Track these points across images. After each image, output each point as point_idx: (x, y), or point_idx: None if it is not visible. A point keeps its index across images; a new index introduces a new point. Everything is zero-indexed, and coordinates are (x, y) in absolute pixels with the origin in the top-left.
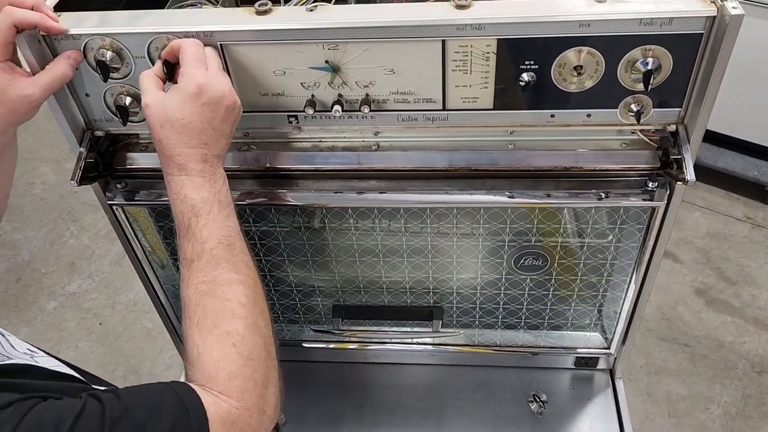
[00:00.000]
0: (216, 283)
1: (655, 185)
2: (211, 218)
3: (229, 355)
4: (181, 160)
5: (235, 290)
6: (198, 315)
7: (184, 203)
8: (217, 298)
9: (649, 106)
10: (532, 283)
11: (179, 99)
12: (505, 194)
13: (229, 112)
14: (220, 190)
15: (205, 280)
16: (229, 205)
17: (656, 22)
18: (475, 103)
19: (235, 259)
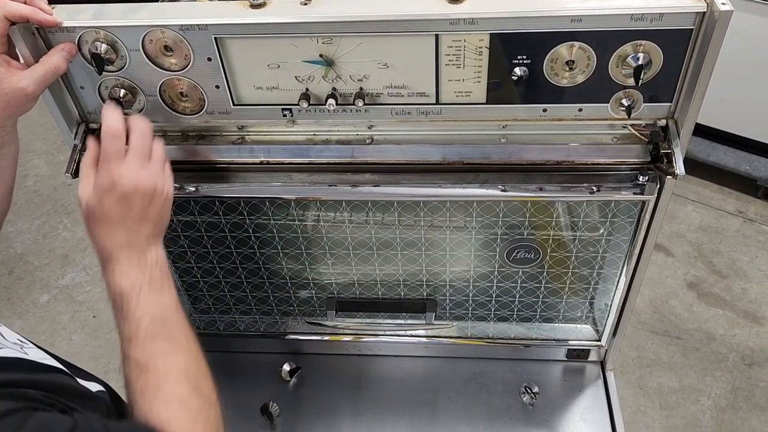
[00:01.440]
0: (155, 356)
1: (645, 179)
2: (143, 299)
3: (178, 413)
4: (107, 250)
5: (176, 360)
6: (140, 384)
7: (114, 289)
8: (158, 368)
9: (640, 101)
10: (525, 275)
11: (96, 194)
12: (497, 188)
13: (148, 199)
14: (152, 272)
15: (143, 355)
16: (161, 281)
17: (647, 18)
18: (468, 97)
19: (171, 331)
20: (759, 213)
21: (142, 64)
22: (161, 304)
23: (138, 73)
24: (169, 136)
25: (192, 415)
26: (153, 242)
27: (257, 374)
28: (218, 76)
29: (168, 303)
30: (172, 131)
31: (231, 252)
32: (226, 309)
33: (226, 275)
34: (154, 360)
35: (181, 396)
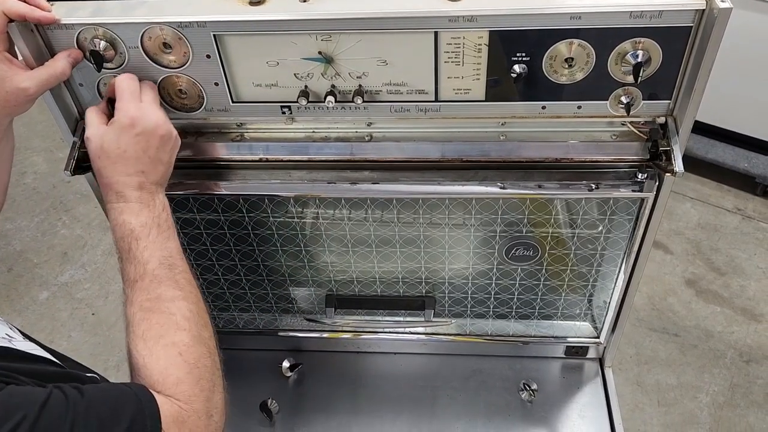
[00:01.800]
0: (160, 300)
1: (644, 176)
2: (151, 240)
3: (176, 362)
4: (118, 188)
5: (178, 305)
6: (143, 328)
7: (123, 228)
8: (162, 312)
9: (639, 98)
10: (523, 273)
11: (114, 131)
12: (496, 185)
13: (164, 141)
14: (159, 215)
15: (149, 297)
16: (169, 228)
17: (646, 15)
18: (467, 94)
19: (177, 277)
20: (757, 210)
21: (140, 61)
22: (169, 249)
23: (137, 70)
24: None
25: (189, 364)
26: (160, 188)
27: (256, 371)
28: (217, 74)
29: (175, 248)
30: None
31: (230, 249)
32: (225, 306)
33: (225, 272)
34: (159, 305)
35: (182, 344)
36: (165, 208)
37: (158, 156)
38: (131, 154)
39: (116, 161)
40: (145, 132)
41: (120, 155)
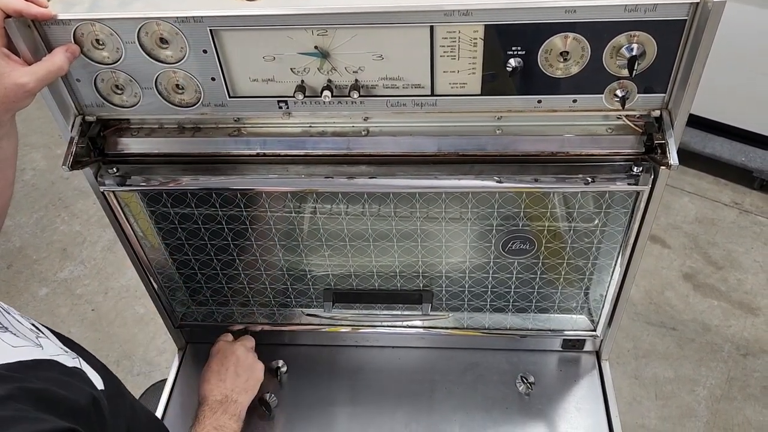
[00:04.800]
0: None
1: (639, 170)
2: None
3: None
4: (210, 397)
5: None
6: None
7: (205, 427)
8: None
9: (634, 92)
10: (520, 266)
11: (219, 358)
12: (493, 179)
13: (253, 381)
14: (236, 423)
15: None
16: None
17: (641, 8)
18: (463, 88)
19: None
20: (754, 204)
21: (137, 56)
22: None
23: (134, 65)
24: (165, 128)
25: None
26: (243, 405)
27: None
28: (214, 69)
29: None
30: (169, 123)
31: (228, 244)
32: (223, 301)
33: (224, 267)
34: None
35: None
36: (240, 418)
37: (245, 385)
38: (228, 378)
39: (212, 378)
40: (239, 368)
41: (218, 376)
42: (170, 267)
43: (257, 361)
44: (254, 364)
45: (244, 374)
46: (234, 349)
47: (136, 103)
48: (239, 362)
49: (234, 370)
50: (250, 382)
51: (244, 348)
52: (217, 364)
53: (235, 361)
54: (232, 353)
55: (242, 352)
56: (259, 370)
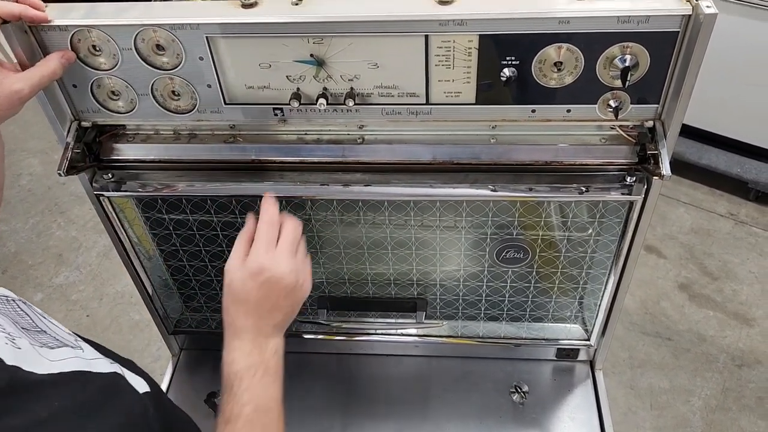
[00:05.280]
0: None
1: (633, 180)
2: (254, 384)
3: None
4: (235, 328)
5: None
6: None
7: (230, 366)
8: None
9: (627, 103)
10: (514, 275)
11: (243, 274)
12: (488, 187)
13: (288, 292)
14: (269, 359)
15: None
16: (275, 373)
17: (633, 20)
18: (457, 97)
19: (270, 425)
20: (750, 215)
21: (134, 62)
22: (269, 394)
23: (130, 71)
24: (161, 134)
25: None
26: (278, 331)
27: None
28: (210, 75)
29: (275, 395)
30: (164, 130)
31: (223, 250)
32: (217, 307)
33: (218, 274)
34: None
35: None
36: (276, 353)
37: (279, 304)
38: (253, 300)
39: (239, 303)
40: (269, 281)
41: (243, 299)
42: (165, 273)
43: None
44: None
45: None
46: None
47: (132, 109)
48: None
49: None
50: (275, 292)
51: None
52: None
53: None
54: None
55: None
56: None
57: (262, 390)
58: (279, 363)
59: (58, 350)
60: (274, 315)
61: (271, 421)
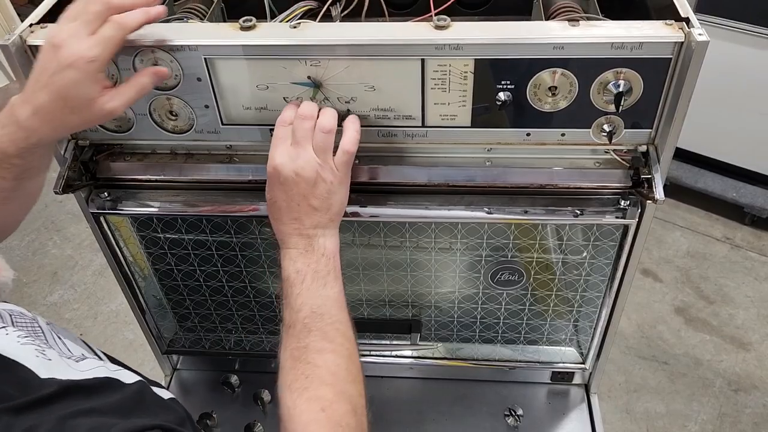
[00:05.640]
0: (308, 350)
1: (627, 204)
2: (305, 288)
3: (318, 418)
4: (280, 235)
5: (325, 358)
6: (290, 378)
7: (283, 273)
8: (308, 363)
9: (621, 127)
10: (509, 297)
11: (269, 182)
12: (483, 210)
13: (310, 187)
14: (318, 260)
15: (298, 346)
16: (327, 274)
17: (627, 47)
18: (453, 120)
19: (327, 328)
20: (746, 239)
21: None
22: (322, 297)
23: None
24: (158, 153)
25: (333, 422)
26: (322, 231)
27: (242, 393)
28: (207, 96)
29: (329, 296)
30: (161, 149)
31: (218, 270)
32: (211, 327)
33: (213, 293)
34: (306, 355)
35: (326, 400)
36: (326, 254)
37: (309, 202)
38: (281, 203)
39: (272, 209)
40: (287, 181)
41: (272, 204)
42: (159, 292)
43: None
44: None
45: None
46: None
47: (129, 129)
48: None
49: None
50: (297, 190)
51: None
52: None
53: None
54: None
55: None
56: (294, 166)
57: (314, 294)
58: (329, 265)
59: (83, 362)
60: (309, 215)
61: (327, 326)
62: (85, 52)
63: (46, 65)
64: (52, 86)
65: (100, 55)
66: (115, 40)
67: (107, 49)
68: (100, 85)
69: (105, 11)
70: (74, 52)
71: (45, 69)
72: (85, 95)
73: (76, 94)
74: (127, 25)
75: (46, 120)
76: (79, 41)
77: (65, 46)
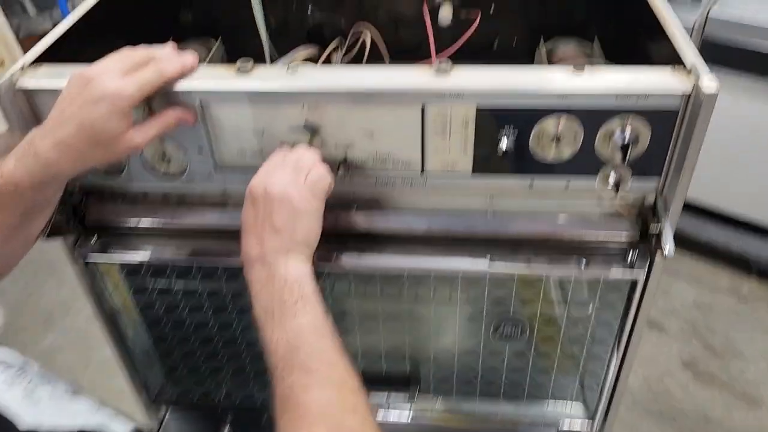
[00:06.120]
0: (293, 390)
1: (634, 256)
2: (276, 324)
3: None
4: (246, 268)
5: (312, 395)
6: (282, 425)
7: (254, 316)
8: (297, 405)
9: (628, 177)
10: (511, 352)
11: (244, 205)
12: (484, 261)
13: (275, 204)
14: (281, 289)
15: (283, 388)
16: (295, 303)
17: (633, 97)
18: (453, 168)
19: (307, 361)
20: (753, 292)
21: None
22: (294, 329)
23: None
24: (150, 198)
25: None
26: (283, 258)
27: None
28: (202, 140)
29: (302, 325)
30: (153, 194)
31: (208, 320)
32: (200, 379)
33: (202, 344)
34: (293, 397)
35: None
36: (289, 280)
37: (272, 221)
38: (249, 224)
39: (242, 233)
40: (257, 199)
41: (243, 227)
42: (147, 342)
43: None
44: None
45: (261, 200)
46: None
47: (121, 172)
48: (249, 190)
49: (248, 205)
50: (262, 208)
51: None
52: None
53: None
54: (263, 198)
55: (276, 188)
56: (256, 181)
57: (287, 326)
58: (294, 291)
59: (75, 406)
60: (272, 237)
61: (307, 359)
62: (122, 88)
63: (74, 97)
64: (78, 119)
65: (135, 94)
66: (152, 85)
67: (142, 90)
68: (126, 121)
69: (144, 62)
70: (109, 86)
71: (72, 101)
72: (112, 130)
73: (104, 129)
74: (167, 73)
75: (67, 153)
76: (113, 78)
77: (98, 79)
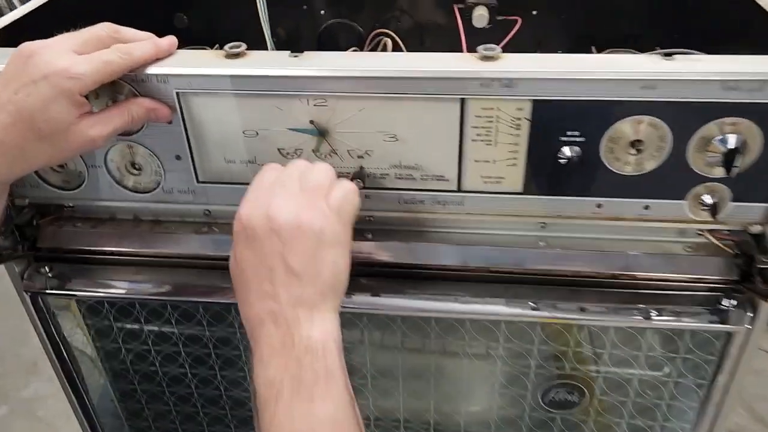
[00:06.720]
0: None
1: (731, 304)
2: (282, 407)
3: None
4: (248, 325)
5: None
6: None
7: (253, 385)
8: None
9: (726, 199)
10: (564, 424)
11: (234, 243)
12: (527, 305)
13: (289, 239)
14: (299, 360)
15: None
16: (315, 384)
17: (743, 87)
18: (499, 184)
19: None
20: None
21: None
22: (308, 422)
23: None
24: (117, 219)
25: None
26: (307, 313)
27: None
28: (180, 144)
29: (320, 419)
30: (121, 213)
31: (186, 372)
32: None
33: (177, 402)
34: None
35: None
36: (311, 347)
37: (287, 263)
38: (248, 271)
39: (238, 282)
40: (257, 234)
41: (239, 275)
42: (112, 398)
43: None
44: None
45: (268, 236)
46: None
47: (79, 185)
48: (243, 223)
49: (244, 244)
50: (270, 248)
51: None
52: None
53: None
54: (269, 232)
55: (286, 217)
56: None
57: (299, 415)
58: (317, 364)
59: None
60: (290, 285)
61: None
62: (71, 65)
63: (9, 79)
64: (14, 104)
65: (86, 74)
66: (112, 67)
67: (98, 73)
68: (79, 109)
69: (107, 38)
70: (54, 63)
71: (7, 83)
72: (58, 119)
73: (46, 117)
74: (133, 55)
75: (2, 149)
76: (60, 54)
77: (41, 54)
